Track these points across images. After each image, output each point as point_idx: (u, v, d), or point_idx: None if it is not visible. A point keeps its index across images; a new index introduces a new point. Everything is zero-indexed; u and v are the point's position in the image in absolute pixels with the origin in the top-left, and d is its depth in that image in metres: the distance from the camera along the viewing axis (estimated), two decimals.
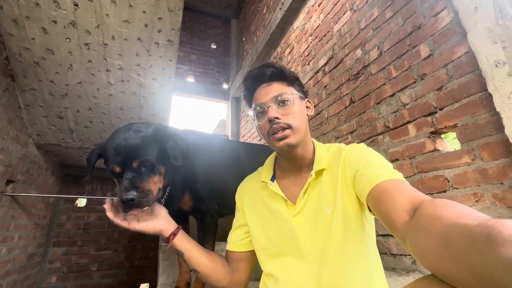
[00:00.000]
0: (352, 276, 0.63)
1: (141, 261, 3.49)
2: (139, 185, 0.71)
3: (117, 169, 0.73)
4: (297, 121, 0.70)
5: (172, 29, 1.98)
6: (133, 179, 0.71)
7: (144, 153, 0.75)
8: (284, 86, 0.73)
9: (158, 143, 0.79)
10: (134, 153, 0.73)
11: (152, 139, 0.78)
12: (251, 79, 0.77)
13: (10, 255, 2.22)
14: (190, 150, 1.00)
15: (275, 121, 0.68)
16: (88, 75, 2.07)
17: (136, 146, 0.74)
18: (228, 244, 0.84)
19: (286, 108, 0.70)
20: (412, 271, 1.32)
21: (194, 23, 5.20)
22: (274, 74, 0.73)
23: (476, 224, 0.31)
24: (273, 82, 0.74)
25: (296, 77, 0.77)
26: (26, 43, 1.82)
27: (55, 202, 3.17)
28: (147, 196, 0.72)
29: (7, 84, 1.93)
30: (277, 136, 0.68)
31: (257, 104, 0.72)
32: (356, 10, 1.94)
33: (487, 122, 1.07)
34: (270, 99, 0.70)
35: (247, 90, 0.78)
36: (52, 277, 3.06)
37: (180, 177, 0.95)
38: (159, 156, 0.78)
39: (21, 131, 2.18)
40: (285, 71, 0.74)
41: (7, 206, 2.11)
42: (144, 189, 0.71)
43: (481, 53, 1.06)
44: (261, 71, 0.74)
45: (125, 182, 0.71)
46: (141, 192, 0.70)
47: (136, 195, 0.69)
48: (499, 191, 1.03)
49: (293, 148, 0.70)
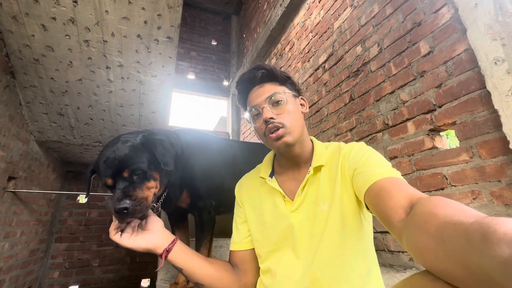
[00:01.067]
0: (348, 273, 0.64)
1: (142, 257, 3.52)
2: (132, 194, 0.71)
3: (109, 181, 0.74)
4: (292, 119, 0.70)
5: (171, 26, 1.98)
6: (125, 188, 0.71)
7: (133, 162, 0.75)
8: (276, 86, 0.74)
9: (147, 150, 0.79)
10: (123, 163, 0.74)
11: (140, 147, 0.79)
12: (243, 83, 0.77)
13: (13, 250, 2.25)
14: (186, 149, 1.01)
15: (270, 121, 0.68)
16: (88, 72, 2.07)
17: (125, 156, 0.75)
18: (232, 244, 0.81)
19: (280, 107, 0.71)
20: (409, 268, 1.33)
21: (195, 19, 5.17)
22: (265, 76, 0.73)
23: (472, 222, 0.31)
24: (265, 83, 0.74)
25: (287, 76, 0.77)
26: (26, 40, 1.82)
27: (56, 198, 3.20)
28: (141, 204, 0.71)
29: (8, 81, 1.94)
30: (273, 136, 0.68)
31: (252, 106, 0.73)
32: (356, 7, 1.93)
33: (485, 120, 1.07)
34: (264, 100, 0.71)
35: (241, 93, 0.79)
36: (54, 272, 3.10)
37: (177, 177, 0.96)
38: (150, 162, 0.78)
39: (22, 128, 2.19)
40: (276, 71, 0.74)
41: (9, 202, 2.13)
42: (137, 197, 0.71)
43: (481, 50, 1.05)
44: (252, 74, 0.75)
45: (118, 192, 0.71)
46: (134, 200, 0.70)
47: (130, 203, 0.68)
48: (496, 189, 1.03)
49: (290, 147, 0.70)
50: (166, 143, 0.84)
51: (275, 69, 0.74)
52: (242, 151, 1.35)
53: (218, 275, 0.73)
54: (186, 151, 1.01)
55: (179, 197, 0.98)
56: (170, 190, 0.92)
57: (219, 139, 1.34)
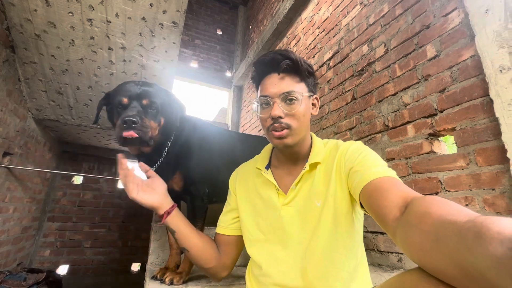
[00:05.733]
0: (338, 269, 0.65)
1: (133, 241, 3.55)
2: (143, 118, 0.79)
3: (125, 100, 0.81)
4: (299, 123, 0.68)
5: (177, 11, 1.95)
6: (139, 112, 0.79)
7: (155, 97, 0.84)
8: (295, 83, 0.69)
9: (165, 97, 0.89)
10: (145, 93, 0.83)
11: (162, 92, 0.89)
12: (263, 65, 0.72)
13: (5, 226, 2.25)
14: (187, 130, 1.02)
15: (278, 120, 0.66)
16: (90, 52, 2.04)
17: (149, 89, 0.84)
18: (218, 227, 0.85)
19: (292, 107, 0.67)
20: (397, 268, 1.35)
21: (201, 7, 5.09)
22: (289, 67, 0.68)
23: (466, 221, 0.31)
24: (285, 75, 0.69)
25: (311, 71, 0.72)
26: (27, 14, 1.78)
27: (51, 177, 3.19)
28: (146, 130, 0.79)
29: (7, 55, 1.90)
30: (276, 134, 0.67)
31: (264, 95, 0.69)
32: (366, 5, 1.90)
33: (485, 128, 1.07)
34: (278, 95, 0.67)
35: (257, 74, 0.74)
36: (45, 250, 3.12)
37: (173, 153, 0.97)
38: (163, 107, 0.87)
39: (20, 104, 2.16)
40: (301, 65, 0.69)
41: (3, 178, 2.12)
42: (144, 124, 0.78)
43: (487, 57, 1.05)
44: (276, 60, 0.68)
45: (132, 108, 0.79)
46: (142, 123, 0.77)
47: (139, 121, 0.75)
48: (489, 197, 1.04)
49: (289, 148, 0.71)
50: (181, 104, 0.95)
51: (300, 63, 0.69)
52: (242, 144, 1.34)
53: (203, 246, 0.78)
54: (187, 132, 1.02)
55: (172, 177, 0.98)
56: (164, 164, 0.94)
57: (220, 130, 1.33)
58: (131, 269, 3.49)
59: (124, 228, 3.56)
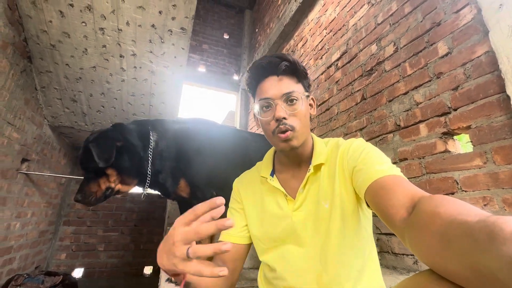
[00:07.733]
0: (348, 270, 0.64)
1: (146, 244, 3.60)
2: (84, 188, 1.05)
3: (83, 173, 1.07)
4: (302, 123, 0.68)
5: (186, 17, 1.98)
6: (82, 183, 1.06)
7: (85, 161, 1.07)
8: (293, 83, 0.69)
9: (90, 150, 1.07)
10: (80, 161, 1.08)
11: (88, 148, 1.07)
12: (260, 69, 0.71)
13: (24, 230, 2.33)
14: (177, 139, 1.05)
15: (283, 121, 0.66)
16: (102, 60, 2.10)
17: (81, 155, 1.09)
18: (226, 235, 0.76)
19: (293, 107, 0.67)
20: (413, 271, 1.32)
21: (208, 12, 5.16)
22: (287, 69, 0.68)
23: (477, 221, 0.30)
24: (284, 77, 0.69)
25: (306, 73, 0.73)
26: (43, 26, 1.85)
27: (66, 182, 3.28)
28: (89, 197, 1.06)
29: (25, 66, 1.98)
30: (282, 136, 0.66)
31: (264, 97, 0.68)
32: (373, 4, 1.89)
33: (503, 125, 1.04)
34: (280, 96, 0.67)
35: (253, 78, 0.73)
36: (61, 254, 3.20)
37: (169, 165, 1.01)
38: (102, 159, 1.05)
39: (36, 112, 2.24)
40: (298, 66, 0.69)
41: (22, 184, 2.20)
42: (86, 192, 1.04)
43: (502, 53, 1.02)
44: (273, 62, 0.69)
45: None
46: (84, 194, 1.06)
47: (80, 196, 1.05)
48: (509, 196, 1.00)
49: (294, 150, 0.69)
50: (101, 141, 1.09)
51: (297, 63, 0.69)
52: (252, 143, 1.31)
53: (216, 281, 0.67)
54: (178, 140, 1.03)
55: (176, 186, 0.99)
56: (163, 177, 0.96)
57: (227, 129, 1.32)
58: (144, 272, 3.53)
59: (136, 232, 3.61)
